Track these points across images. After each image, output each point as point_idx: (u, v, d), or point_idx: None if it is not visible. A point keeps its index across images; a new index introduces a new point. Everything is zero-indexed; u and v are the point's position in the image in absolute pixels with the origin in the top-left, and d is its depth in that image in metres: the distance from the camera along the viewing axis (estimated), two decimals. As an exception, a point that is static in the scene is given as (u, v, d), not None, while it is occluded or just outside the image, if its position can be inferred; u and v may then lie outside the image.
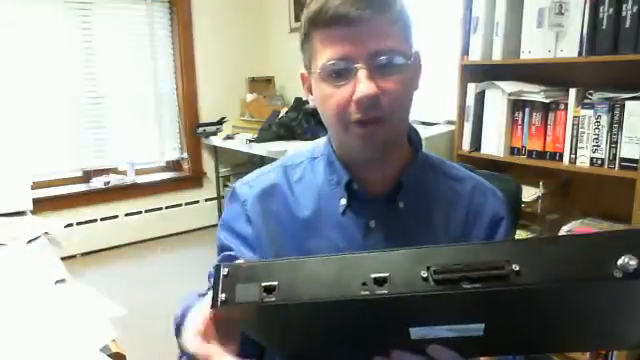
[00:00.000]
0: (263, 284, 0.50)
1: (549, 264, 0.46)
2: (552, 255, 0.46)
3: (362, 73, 0.69)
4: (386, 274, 0.48)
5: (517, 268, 0.46)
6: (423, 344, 0.56)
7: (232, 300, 0.50)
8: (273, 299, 0.49)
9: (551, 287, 0.46)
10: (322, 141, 0.88)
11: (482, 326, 0.53)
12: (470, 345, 0.57)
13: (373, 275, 0.48)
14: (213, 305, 0.51)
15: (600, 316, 0.54)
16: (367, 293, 0.48)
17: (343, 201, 0.80)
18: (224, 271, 0.52)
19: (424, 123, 2.64)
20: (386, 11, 0.70)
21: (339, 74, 0.71)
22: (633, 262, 0.43)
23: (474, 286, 0.46)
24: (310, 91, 0.80)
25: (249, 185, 0.88)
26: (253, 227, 0.84)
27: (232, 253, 0.83)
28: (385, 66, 0.70)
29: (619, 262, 0.44)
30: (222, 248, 0.86)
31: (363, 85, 0.68)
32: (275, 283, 0.50)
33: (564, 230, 1.96)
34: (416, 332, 0.55)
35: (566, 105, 1.91)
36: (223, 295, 0.51)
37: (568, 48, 1.85)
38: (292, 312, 0.53)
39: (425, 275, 0.47)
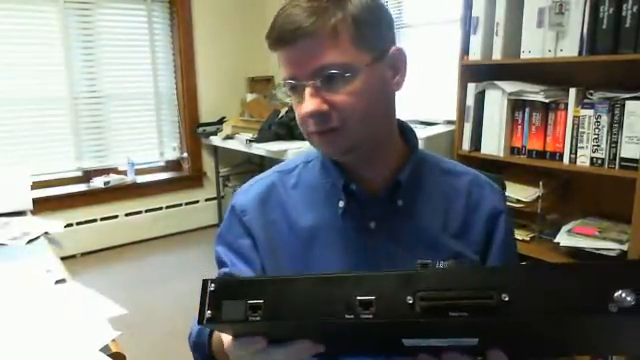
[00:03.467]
0: (249, 302, 0.50)
1: (541, 294, 0.44)
2: (545, 285, 0.44)
3: (307, 91, 0.71)
4: (372, 297, 0.47)
5: (507, 298, 0.44)
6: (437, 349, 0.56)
7: (218, 317, 0.51)
8: (258, 318, 0.49)
9: (541, 319, 0.44)
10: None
11: (475, 340, 0.52)
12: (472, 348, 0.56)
13: (359, 298, 0.47)
14: (199, 321, 0.51)
15: (595, 339, 0.53)
16: (351, 317, 0.47)
17: (341, 203, 0.79)
18: (211, 287, 0.52)
19: (424, 123, 2.64)
20: (328, 23, 0.69)
21: (294, 91, 0.74)
22: (630, 297, 0.41)
23: (461, 315, 0.44)
24: None
25: (244, 193, 0.88)
26: (252, 237, 0.84)
27: (227, 270, 0.84)
28: (331, 80, 0.70)
29: (615, 296, 0.41)
30: (219, 262, 0.87)
31: (306, 103, 0.71)
32: (261, 301, 0.50)
33: (564, 229, 1.96)
34: (409, 342, 0.54)
35: (566, 105, 1.91)
36: (209, 312, 0.51)
37: (568, 48, 1.85)
38: (278, 329, 0.53)
39: (411, 301, 0.46)
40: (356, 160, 0.78)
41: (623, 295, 0.41)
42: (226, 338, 0.59)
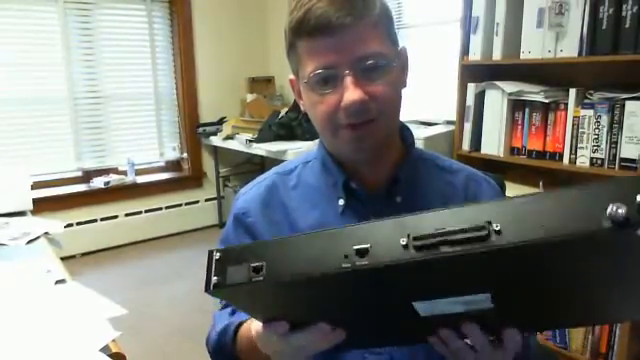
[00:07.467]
0: (251, 264, 0.51)
1: (533, 220, 0.43)
2: (537, 212, 0.44)
3: (348, 80, 0.69)
4: (367, 245, 0.48)
5: (498, 227, 0.44)
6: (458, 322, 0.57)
7: (223, 282, 0.52)
8: (261, 278, 0.51)
9: (536, 243, 0.43)
10: (314, 145, 0.89)
11: (488, 296, 0.52)
12: (489, 320, 0.57)
13: (355, 247, 0.48)
14: (206, 289, 0.53)
15: (597, 279, 0.52)
16: (348, 265, 0.48)
17: (341, 202, 0.81)
18: (216, 255, 0.54)
19: (424, 123, 2.64)
20: (368, 15, 0.70)
21: (326, 82, 0.71)
22: (622, 210, 0.40)
23: (455, 249, 0.45)
24: (300, 96, 0.80)
25: (245, 194, 0.89)
26: (254, 238, 0.84)
27: None
28: (371, 70, 0.70)
29: (608, 211, 0.41)
30: None
31: (350, 92, 0.69)
32: (262, 263, 0.51)
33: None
34: (421, 308, 0.55)
35: (566, 105, 1.91)
36: (215, 278, 0.52)
37: (568, 48, 1.85)
38: (282, 290, 0.54)
39: (405, 242, 0.46)
40: (360, 160, 0.78)
41: (614, 208, 0.41)
42: (256, 327, 0.62)
